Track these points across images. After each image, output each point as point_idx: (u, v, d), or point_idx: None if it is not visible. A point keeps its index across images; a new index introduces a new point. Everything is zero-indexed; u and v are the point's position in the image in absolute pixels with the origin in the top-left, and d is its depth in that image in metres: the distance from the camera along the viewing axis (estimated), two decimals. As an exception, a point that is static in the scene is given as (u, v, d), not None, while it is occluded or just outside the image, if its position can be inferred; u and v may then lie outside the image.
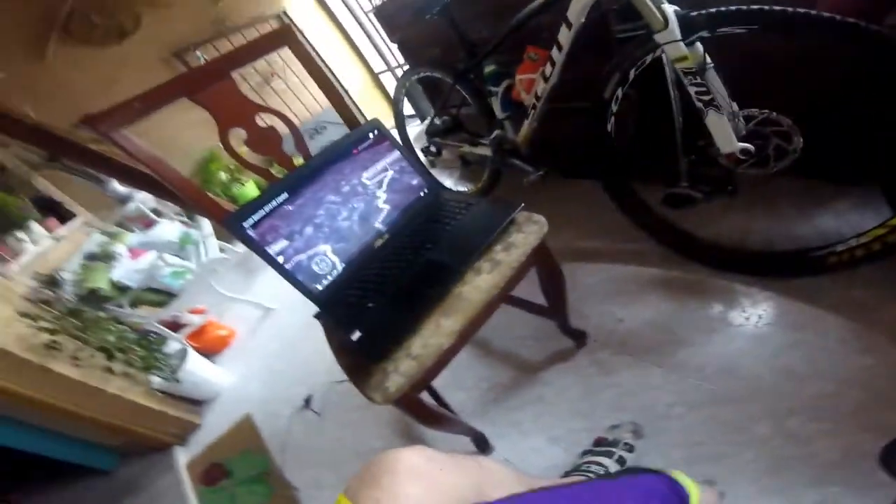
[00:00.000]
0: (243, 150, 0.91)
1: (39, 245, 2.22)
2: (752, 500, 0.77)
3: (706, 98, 0.90)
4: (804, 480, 0.75)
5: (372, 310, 0.77)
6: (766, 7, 0.81)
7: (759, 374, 0.91)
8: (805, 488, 0.74)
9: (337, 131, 3.39)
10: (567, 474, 0.92)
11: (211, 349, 2.16)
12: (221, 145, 0.86)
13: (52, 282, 1.92)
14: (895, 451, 0.66)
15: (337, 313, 0.80)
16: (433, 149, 1.91)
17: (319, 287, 0.83)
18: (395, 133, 2.13)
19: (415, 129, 3.25)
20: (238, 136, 0.89)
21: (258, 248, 0.77)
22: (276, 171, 1.01)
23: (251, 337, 2.21)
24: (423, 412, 0.81)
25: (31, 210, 2.42)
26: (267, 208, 0.78)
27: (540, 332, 1.24)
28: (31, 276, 1.96)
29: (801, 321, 0.96)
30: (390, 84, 4.15)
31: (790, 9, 0.79)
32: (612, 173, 1.27)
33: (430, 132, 1.87)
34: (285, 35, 0.95)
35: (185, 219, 2.58)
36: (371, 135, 0.90)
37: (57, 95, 2.74)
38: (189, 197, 0.85)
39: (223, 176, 3.03)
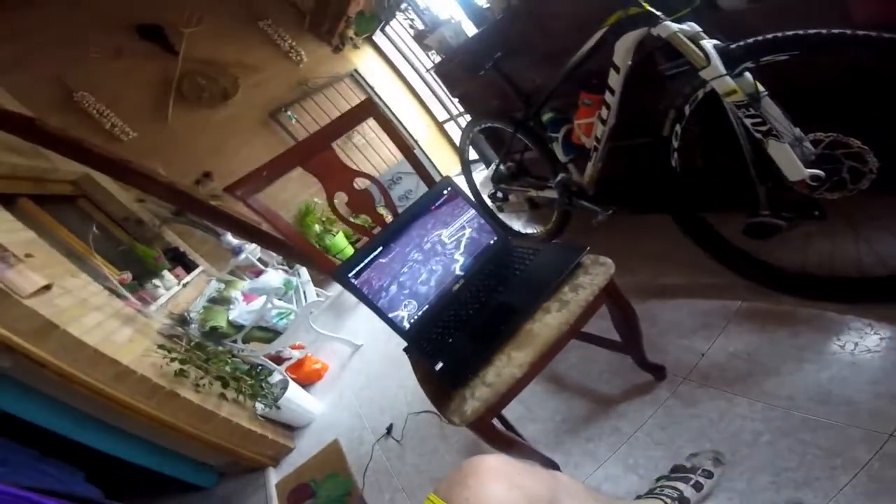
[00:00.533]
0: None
1: (171, 290, 2.65)
2: (847, 524, 0.73)
3: (763, 128, 0.89)
4: (907, 504, 0.70)
5: (452, 344, 0.88)
6: (801, 32, 0.80)
7: (856, 400, 0.86)
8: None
9: (411, 180, 3.67)
10: (639, 498, 0.92)
11: (307, 380, 2.41)
12: (328, 206, 1.05)
13: (182, 320, 2.29)
14: None
15: (422, 347, 0.92)
16: (500, 194, 2.01)
17: (408, 325, 0.97)
18: (462, 179, 2.31)
19: (480, 174, 3.40)
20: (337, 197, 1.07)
21: (360, 293, 0.93)
22: (360, 222, 1.18)
23: (341, 370, 2.42)
24: (495, 436, 0.88)
25: (164, 261, 2.90)
26: (366, 261, 0.94)
27: (616, 367, 1.25)
28: (165, 316, 2.34)
29: (903, 347, 0.89)
30: (453, 130, 4.41)
31: (825, 31, 0.78)
32: (683, 208, 1.25)
33: (496, 179, 1.98)
34: (368, 108, 1.14)
35: (287, 267, 2.94)
36: (445, 192, 1.04)
37: (178, 153, 3.28)
38: (303, 249, 1.04)
39: (317, 228, 3.41)
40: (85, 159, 1.60)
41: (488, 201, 2.10)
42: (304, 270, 2.68)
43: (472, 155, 3.22)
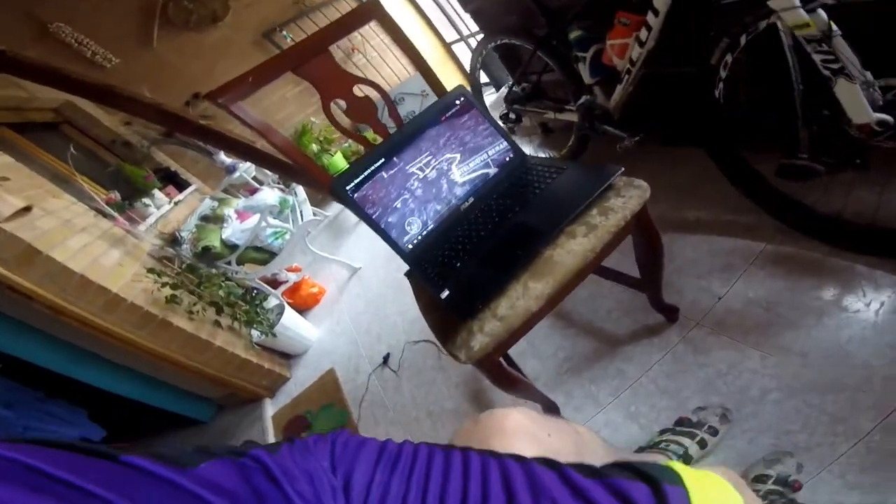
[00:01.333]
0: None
1: (161, 209, 2.56)
2: (835, 495, 0.72)
3: (835, 66, 0.81)
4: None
5: (460, 270, 0.79)
6: None
7: (872, 364, 0.82)
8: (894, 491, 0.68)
9: (414, 101, 3.51)
10: (641, 450, 0.91)
11: (303, 305, 2.37)
12: (324, 115, 0.93)
13: (172, 240, 2.22)
14: None
15: (426, 272, 0.83)
16: (512, 116, 1.87)
17: (410, 246, 0.88)
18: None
19: (490, 97, 3.21)
20: (335, 108, 0.95)
21: (358, 208, 0.83)
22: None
23: (339, 294, 2.37)
24: (501, 374, 0.82)
25: (154, 180, 2.78)
26: (366, 173, 0.83)
27: (627, 305, 1.20)
28: (155, 236, 2.26)
29: (932, 312, 0.84)
30: (462, 53, 4.09)
31: None
32: (720, 142, 1.17)
33: (510, 99, 1.83)
34: (373, 10, 0.98)
35: (283, 186, 2.83)
36: (457, 102, 0.91)
37: (167, 78, 3.12)
38: (297, 161, 0.93)
39: (314, 147, 3.26)
40: (63, 86, 1.46)
41: (500, 123, 1.96)
42: (300, 189, 2.57)
43: (483, 78, 2.99)
